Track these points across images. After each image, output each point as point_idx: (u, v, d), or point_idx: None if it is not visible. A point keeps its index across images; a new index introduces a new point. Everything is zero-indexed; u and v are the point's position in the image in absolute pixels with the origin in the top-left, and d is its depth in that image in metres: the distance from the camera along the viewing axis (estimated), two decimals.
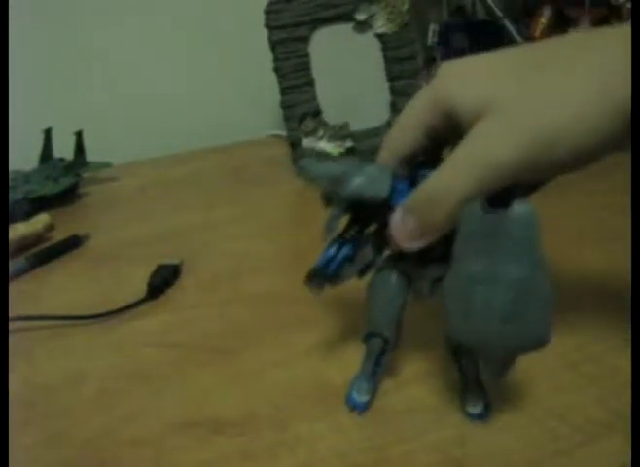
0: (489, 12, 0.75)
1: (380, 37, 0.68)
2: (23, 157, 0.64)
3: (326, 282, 0.29)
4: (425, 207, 0.27)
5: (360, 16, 0.66)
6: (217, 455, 0.29)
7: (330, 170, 0.28)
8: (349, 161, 0.29)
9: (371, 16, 0.67)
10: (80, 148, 0.68)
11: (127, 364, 0.36)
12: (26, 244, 0.52)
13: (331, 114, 0.67)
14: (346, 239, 0.29)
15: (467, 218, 0.25)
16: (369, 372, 0.31)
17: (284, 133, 0.69)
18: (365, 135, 0.67)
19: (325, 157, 0.66)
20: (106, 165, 0.70)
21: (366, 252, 0.29)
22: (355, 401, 0.31)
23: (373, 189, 0.28)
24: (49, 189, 0.62)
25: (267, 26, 0.64)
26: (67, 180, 0.64)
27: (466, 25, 0.83)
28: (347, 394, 0.31)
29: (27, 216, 0.55)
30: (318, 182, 0.28)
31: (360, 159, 0.29)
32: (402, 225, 0.28)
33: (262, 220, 0.56)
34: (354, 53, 0.67)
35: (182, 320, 0.41)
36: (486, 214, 0.24)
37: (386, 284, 0.29)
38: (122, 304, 0.41)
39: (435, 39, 0.82)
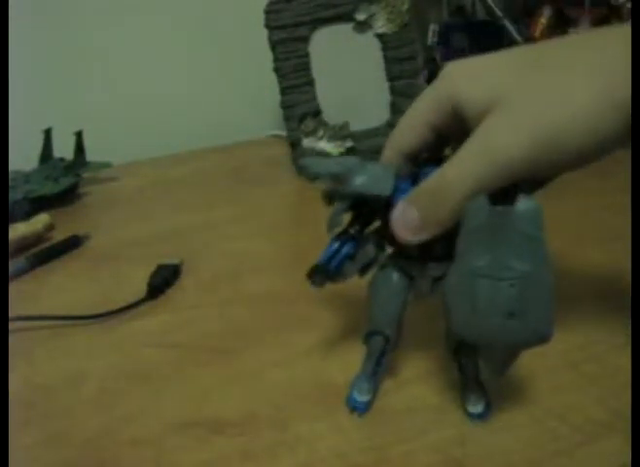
0: (489, 12, 0.75)
1: (380, 37, 0.68)
2: (23, 157, 0.64)
3: (327, 279, 0.29)
4: (428, 201, 0.27)
5: (360, 16, 0.66)
6: (217, 455, 0.29)
7: (332, 169, 0.28)
8: (351, 159, 0.28)
9: (371, 16, 0.67)
10: (80, 148, 0.68)
11: (127, 364, 0.36)
12: (26, 244, 0.52)
13: (331, 114, 0.66)
14: (350, 235, 0.29)
15: (472, 213, 0.25)
16: (369, 372, 0.31)
17: (284, 133, 0.69)
18: (365, 135, 0.67)
19: (325, 156, 0.65)
20: (106, 165, 0.70)
21: (367, 250, 0.29)
22: (356, 401, 0.31)
23: (376, 187, 0.28)
24: (49, 189, 0.62)
25: (267, 26, 0.64)
26: (67, 180, 0.64)
27: (466, 25, 0.83)
28: (348, 394, 0.31)
29: (27, 216, 0.55)
30: (320, 180, 0.28)
31: (360, 158, 0.29)
32: (403, 217, 0.28)
33: (262, 220, 0.56)
34: (354, 53, 0.67)
35: (182, 320, 0.41)
36: (492, 209, 0.24)
37: (387, 282, 0.29)
38: (122, 304, 0.41)
39: (435, 39, 0.82)
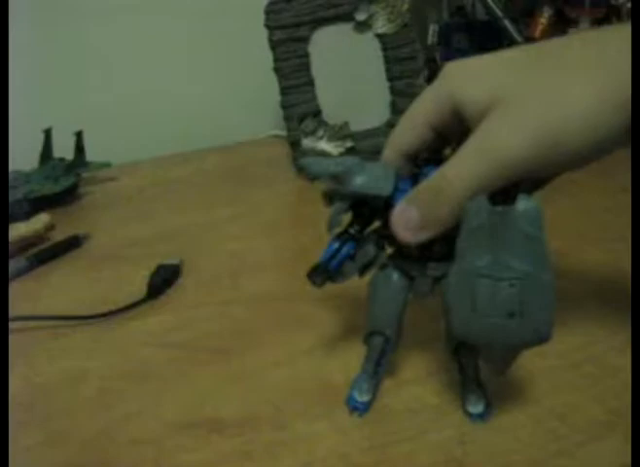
0: (489, 12, 0.75)
1: (380, 37, 0.68)
2: (23, 157, 0.64)
3: (328, 279, 0.29)
4: (428, 201, 0.27)
5: (360, 16, 0.66)
6: (217, 455, 0.29)
7: (332, 169, 0.28)
8: (351, 159, 0.28)
9: (371, 16, 0.67)
10: (80, 148, 0.68)
11: (127, 364, 0.36)
12: (26, 244, 0.52)
13: (331, 114, 0.66)
14: (350, 235, 0.29)
15: (473, 213, 0.25)
16: (370, 372, 0.31)
17: (284, 133, 0.69)
18: (365, 135, 0.67)
19: (325, 157, 0.65)
20: (106, 165, 0.70)
21: (367, 250, 0.29)
22: (356, 401, 0.31)
23: (376, 187, 0.28)
24: (49, 189, 0.62)
25: (267, 26, 0.64)
26: (67, 180, 0.64)
27: (466, 25, 0.83)
28: (348, 394, 0.31)
29: (27, 216, 0.55)
30: (320, 180, 0.28)
31: (360, 158, 0.29)
32: (403, 217, 0.27)
33: (262, 220, 0.56)
34: (354, 53, 0.67)
35: (182, 320, 0.41)
36: (492, 209, 0.25)
37: (387, 283, 0.29)
38: (122, 304, 0.41)
39: (435, 39, 0.82)
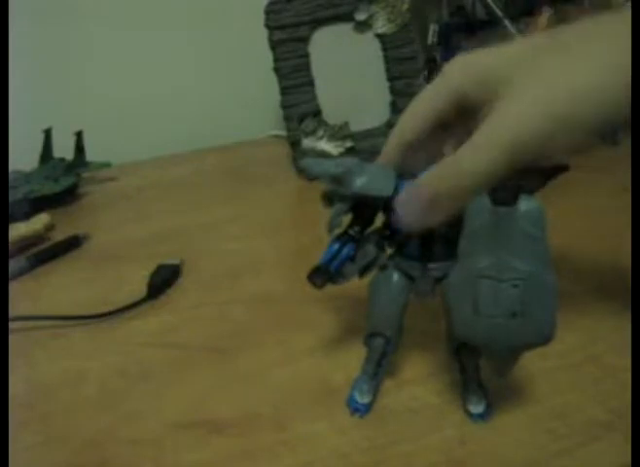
0: (489, 12, 0.75)
1: (380, 37, 0.68)
2: (23, 157, 0.64)
3: (328, 280, 0.29)
4: (438, 185, 0.26)
5: (360, 16, 0.66)
6: (217, 455, 0.29)
7: (332, 170, 0.28)
8: (351, 160, 0.28)
9: (371, 16, 0.67)
10: (80, 148, 0.68)
11: (127, 364, 0.36)
12: (26, 244, 0.52)
13: (331, 114, 0.66)
14: (350, 236, 0.29)
15: (475, 213, 0.25)
16: (370, 373, 0.31)
17: (284, 133, 0.69)
18: (365, 135, 0.67)
19: (325, 157, 0.65)
20: (106, 165, 0.70)
21: (367, 251, 0.29)
22: (356, 403, 0.31)
23: (376, 188, 0.28)
24: (49, 189, 0.62)
25: (267, 26, 0.64)
26: (67, 180, 0.64)
27: (466, 25, 0.83)
28: (349, 395, 0.31)
29: (27, 216, 0.55)
30: (320, 181, 0.28)
31: (360, 158, 0.29)
32: (410, 200, 0.27)
33: (262, 220, 0.56)
34: (354, 53, 0.67)
35: (182, 320, 0.41)
36: (494, 210, 0.25)
37: (388, 283, 0.29)
38: (122, 304, 0.41)
39: (435, 39, 0.82)
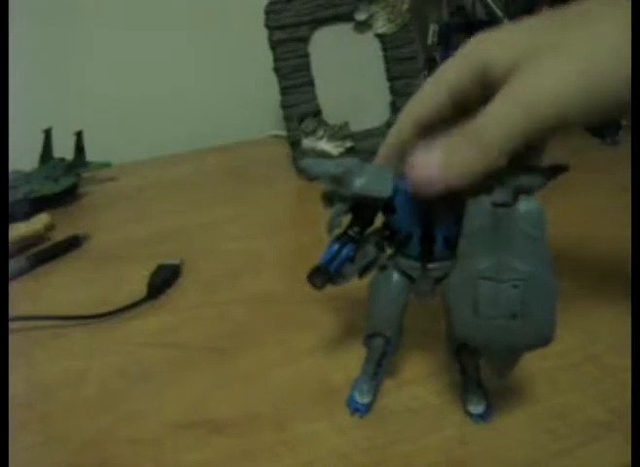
0: (489, 12, 0.75)
1: (380, 37, 0.68)
2: (23, 157, 0.64)
3: (328, 281, 0.29)
4: (458, 143, 0.26)
5: (360, 16, 0.66)
6: (217, 455, 0.29)
7: (331, 170, 0.28)
8: (350, 160, 0.28)
9: (371, 16, 0.67)
10: (80, 148, 0.68)
11: (127, 364, 0.36)
12: (26, 244, 0.52)
13: (331, 114, 0.66)
14: (349, 237, 0.29)
15: (474, 214, 0.25)
16: (370, 373, 0.31)
17: (284, 133, 0.69)
18: (365, 135, 0.67)
19: (325, 157, 0.65)
20: (106, 165, 0.70)
21: (367, 252, 0.29)
22: (357, 403, 0.31)
23: (376, 189, 0.28)
24: (49, 189, 0.62)
25: (267, 26, 0.64)
26: (67, 180, 0.64)
27: (466, 25, 0.83)
28: (349, 396, 0.31)
29: (27, 216, 0.55)
30: (320, 181, 0.28)
31: (360, 159, 0.29)
32: (424, 158, 0.26)
33: (262, 220, 0.56)
34: (354, 53, 0.67)
35: (182, 320, 0.41)
36: (494, 210, 0.25)
37: (387, 284, 0.29)
38: (122, 304, 0.41)
39: (435, 39, 0.82)
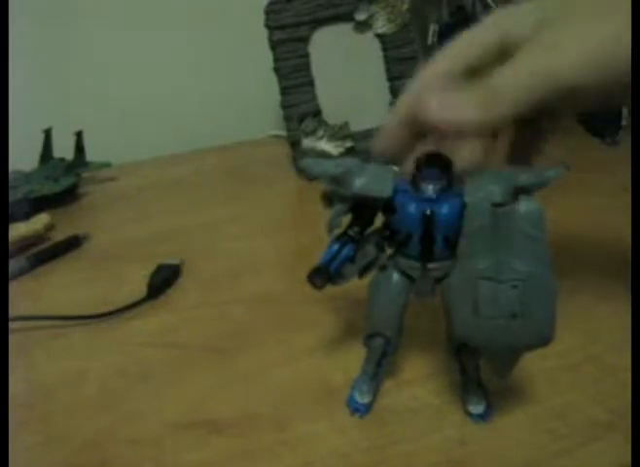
0: (489, 12, 0.75)
1: (380, 37, 0.68)
2: (23, 157, 0.64)
3: (328, 281, 0.29)
4: (476, 89, 0.28)
5: (360, 16, 0.66)
6: (217, 455, 0.29)
7: (331, 170, 0.28)
8: (350, 160, 0.28)
9: (371, 16, 0.67)
10: (80, 148, 0.68)
11: (127, 364, 0.36)
12: (26, 244, 0.52)
13: (331, 114, 0.66)
14: (349, 237, 0.29)
15: (474, 214, 0.25)
16: (370, 373, 0.31)
17: (284, 133, 0.69)
18: (365, 135, 0.67)
19: (325, 157, 0.65)
20: (106, 165, 0.70)
21: (367, 252, 0.29)
22: (357, 403, 0.31)
23: (376, 189, 0.28)
24: (49, 189, 0.62)
25: (267, 26, 0.64)
26: (67, 180, 0.64)
27: (466, 25, 0.83)
28: (349, 396, 0.31)
29: (27, 216, 0.54)
30: (320, 181, 0.28)
31: (360, 159, 0.29)
32: (447, 96, 0.28)
33: (262, 220, 0.56)
34: (354, 53, 0.67)
35: (182, 320, 0.41)
36: (494, 210, 0.25)
37: (387, 284, 0.29)
38: (122, 304, 0.41)
39: (435, 39, 0.82)
